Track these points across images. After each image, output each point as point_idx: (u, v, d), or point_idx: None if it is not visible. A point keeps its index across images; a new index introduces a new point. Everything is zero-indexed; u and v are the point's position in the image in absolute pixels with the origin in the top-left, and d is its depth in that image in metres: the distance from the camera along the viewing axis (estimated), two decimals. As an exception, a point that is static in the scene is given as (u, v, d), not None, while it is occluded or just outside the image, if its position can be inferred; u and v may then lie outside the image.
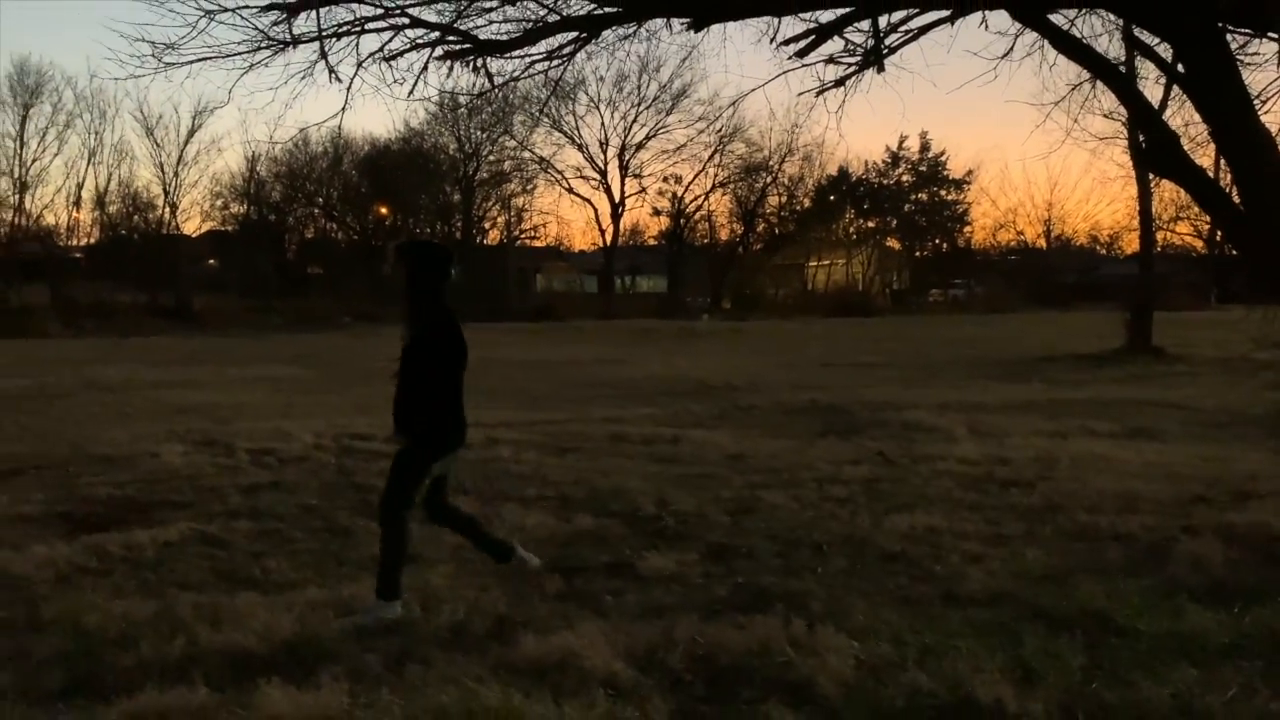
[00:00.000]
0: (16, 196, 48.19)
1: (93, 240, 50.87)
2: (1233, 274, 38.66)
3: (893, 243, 64.14)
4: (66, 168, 72.02)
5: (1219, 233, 31.81)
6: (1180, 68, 6.78)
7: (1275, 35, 6.83)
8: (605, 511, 7.14)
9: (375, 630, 4.73)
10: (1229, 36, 6.59)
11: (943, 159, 61.47)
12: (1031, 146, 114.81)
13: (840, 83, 7.48)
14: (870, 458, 9.25)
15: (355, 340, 30.64)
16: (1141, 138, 7.14)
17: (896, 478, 8.37)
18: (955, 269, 62.86)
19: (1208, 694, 3.89)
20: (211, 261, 54.08)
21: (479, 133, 52.98)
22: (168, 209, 50.23)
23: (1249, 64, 7.31)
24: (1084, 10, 7.73)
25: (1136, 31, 7.43)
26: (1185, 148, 7.08)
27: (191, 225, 53.04)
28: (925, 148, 61.14)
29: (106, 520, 6.95)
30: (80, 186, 50.87)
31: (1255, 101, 6.69)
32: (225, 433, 10.72)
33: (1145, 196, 25.96)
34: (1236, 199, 6.67)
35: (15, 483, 8.34)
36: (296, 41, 7.25)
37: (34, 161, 48.43)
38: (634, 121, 54.61)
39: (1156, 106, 8.31)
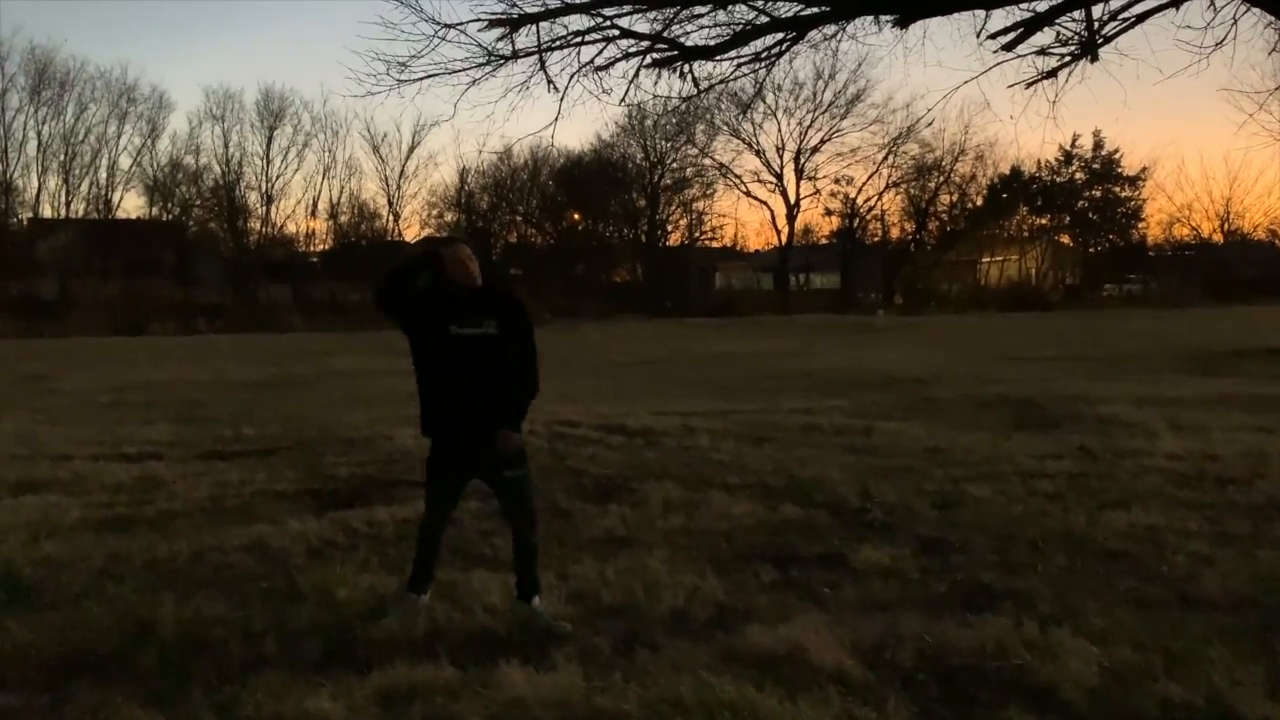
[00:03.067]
0: (264, 208, 51.69)
1: (327, 246, 53.95)
2: None
3: (1065, 238, 60.81)
4: (305, 182, 77.36)
5: None
6: None
7: None
8: (809, 501, 6.79)
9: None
10: None
11: (1116, 155, 57.80)
12: (1235, 140, 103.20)
13: (1053, 74, 6.89)
14: (1071, 452, 8.54)
15: (557, 335, 31.06)
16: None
17: (1102, 473, 7.68)
18: (1129, 264, 59.13)
19: None
20: (428, 264, 56.13)
21: (664, 142, 53.37)
22: (391, 218, 52.91)
23: None
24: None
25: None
26: None
27: (411, 232, 55.19)
28: (1099, 145, 57.65)
29: (350, 497, 7.08)
30: (316, 199, 54.37)
31: None
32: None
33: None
34: None
35: (271, 461, 8.64)
36: (517, 55, 7.24)
37: (278, 178, 52.07)
38: (809, 126, 53.78)
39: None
